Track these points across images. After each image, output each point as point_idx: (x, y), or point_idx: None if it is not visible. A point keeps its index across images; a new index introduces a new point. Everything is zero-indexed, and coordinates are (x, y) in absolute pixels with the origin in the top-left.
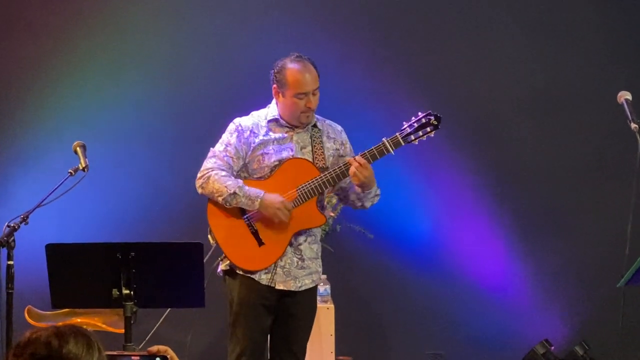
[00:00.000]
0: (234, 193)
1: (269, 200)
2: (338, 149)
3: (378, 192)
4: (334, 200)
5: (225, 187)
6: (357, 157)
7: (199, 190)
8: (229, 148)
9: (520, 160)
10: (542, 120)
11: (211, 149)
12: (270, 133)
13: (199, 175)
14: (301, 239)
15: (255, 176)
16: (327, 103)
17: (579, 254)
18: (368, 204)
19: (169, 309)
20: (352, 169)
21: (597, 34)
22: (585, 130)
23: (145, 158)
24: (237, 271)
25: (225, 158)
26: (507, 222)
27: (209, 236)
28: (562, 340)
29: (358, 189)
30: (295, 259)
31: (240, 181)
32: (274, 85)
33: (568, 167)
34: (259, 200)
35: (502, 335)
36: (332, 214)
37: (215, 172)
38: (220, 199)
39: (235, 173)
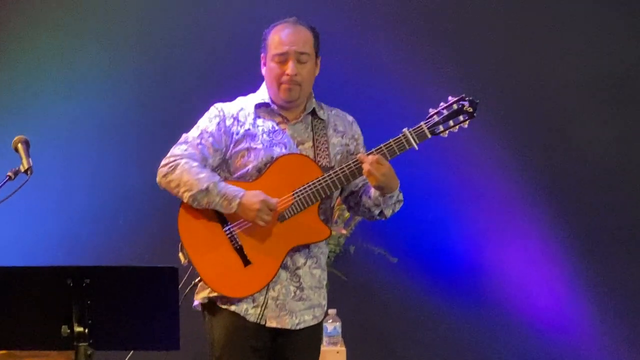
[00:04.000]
0: (207, 189)
1: (250, 200)
2: (347, 145)
3: (400, 196)
4: (347, 214)
5: (197, 180)
6: (370, 153)
7: (160, 181)
8: (205, 135)
9: (586, 162)
10: (615, 113)
11: (184, 134)
12: (259, 122)
13: (163, 162)
14: (299, 261)
15: (237, 176)
16: (335, 84)
17: None
18: (389, 212)
19: (132, 352)
20: (366, 167)
21: None
22: None
23: (104, 158)
24: (219, 304)
25: (200, 147)
26: (569, 242)
27: (179, 254)
28: None
29: (376, 193)
30: (291, 288)
31: (217, 176)
32: (262, 55)
33: None
34: (237, 200)
35: None
36: (344, 232)
37: (185, 160)
38: (187, 194)
39: (209, 168)
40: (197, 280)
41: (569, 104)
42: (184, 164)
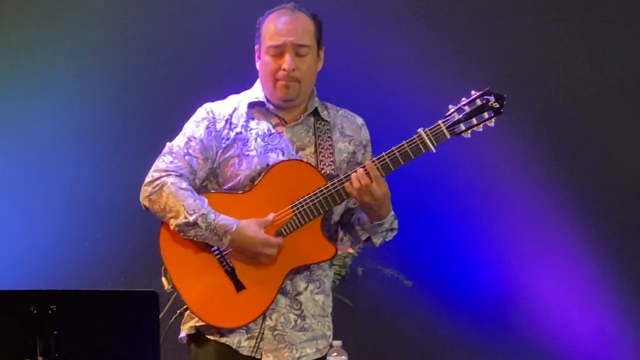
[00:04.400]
0: (194, 223)
1: (244, 236)
2: (355, 153)
3: (394, 224)
4: None
5: (184, 207)
6: (368, 164)
7: (143, 202)
8: (192, 143)
9: (629, 168)
10: None
11: (168, 143)
12: (252, 123)
13: (148, 179)
14: (300, 285)
15: (228, 188)
16: (339, 79)
17: None
18: (378, 240)
19: None
20: (354, 179)
21: None
22: None
23: (74, 165)
24: (207, 335)
25: (187, 158)
26: (615, 261)
27: (163, 278)
28: None
29: (366, 216)
30: (291, 316)
31: (206, 202)
32: (256, 47)
33: None
34: (229, 237)
35: None
36: (350, 251)
37: (172, 179)
38: (173, 222)
39: (199, 181)
40: (182, 308)
41: (603, 104)
42: (170, 185)
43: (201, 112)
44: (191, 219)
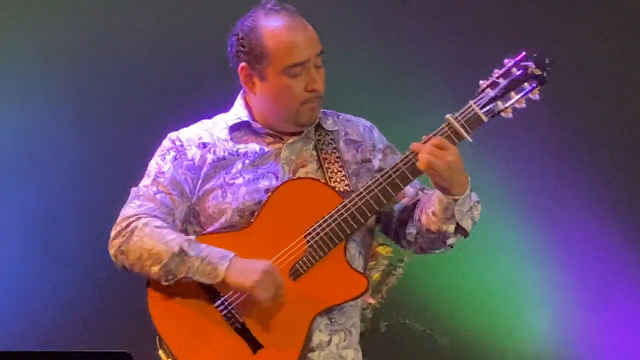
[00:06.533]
0: (181, 252)
1: (246, 261)
2: (369, 160)
3: (475, 195)
4: (376, 275)
5: (166, 244)
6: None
7: (115, 257)
8: (160, 180)
9: None
10: None
11: (133, 188)
12: (239, 147)
13: (113, 231)
14: (319, 337)
15: (211, 229)
16: (340, 78)
17: None
18: (468, 224)
19: None
20: (424, 156)
21: None
22: None
23: (33, 195)
24: None
25: (159, 196)
26: None
27: (159, 352)
28: None
29: (442, 201)
30: None
31: (191, 236)
32: (242, 65)
33: None
34: (227, 263)
35: None
36: (372, 301)
37: (144, 220)
38: (155, 269)
39: (179, 223)
40: None
41: None
42: (142, 227)
43: (166, 143)
44: (176, 249)
